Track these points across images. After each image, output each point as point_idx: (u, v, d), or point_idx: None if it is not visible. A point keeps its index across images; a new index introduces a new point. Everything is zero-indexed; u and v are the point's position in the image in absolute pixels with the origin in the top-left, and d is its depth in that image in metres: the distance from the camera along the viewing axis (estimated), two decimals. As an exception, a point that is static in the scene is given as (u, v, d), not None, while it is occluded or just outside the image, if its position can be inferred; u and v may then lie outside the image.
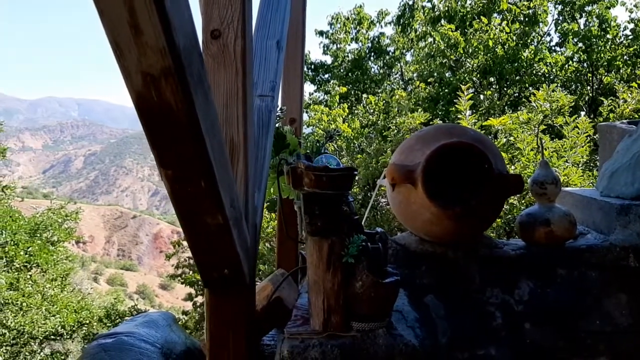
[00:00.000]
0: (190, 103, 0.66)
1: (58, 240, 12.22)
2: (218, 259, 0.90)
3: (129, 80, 0.64)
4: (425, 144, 1.99)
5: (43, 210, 12.98)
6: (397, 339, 1.33)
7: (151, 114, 0.67)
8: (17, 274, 10.72)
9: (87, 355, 1.40)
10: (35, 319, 10.82)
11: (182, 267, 11.78)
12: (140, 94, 0.64)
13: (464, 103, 5.79)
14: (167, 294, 57.25)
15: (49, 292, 11.63)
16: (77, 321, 11.57)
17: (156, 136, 0.70)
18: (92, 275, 51.47)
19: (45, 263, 11.57)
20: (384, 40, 14.30)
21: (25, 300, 10.46)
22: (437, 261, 2.06)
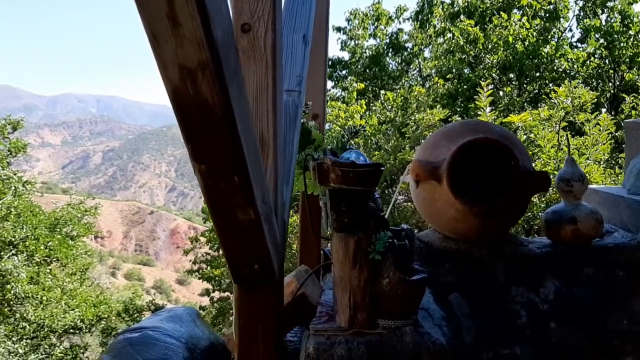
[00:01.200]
0: (226, 97, 0.65)
1: (77, 235, 12.34)
2: (249, 254, 0.89)
3: (165, 74, 0.63)
4: (450, 140, 1.96)
5: (63, 205, 13.12)
6: (425, 337, 1.31)
7: (187, 107, 0.66)
8: (38, 268, 10.85)
9: (114, 350, 1.40)
10: (54, 312, 10.96)
11: (200, 262, 11.85)
12: (176, 87, 0.63)
13: (484, 99, 5.74)
14: (184, 289, 57.71)
15: (68, 286, 11.76)
16: (95, 315, 11.69)
17: (191, 130, 0.69)
18: (110, 270, 52.05)
19: (64, 257, 11.70)
20: (402, 37, 14.22)
21: (45, 294, 10.60)
22: (462, 259, 2.04)
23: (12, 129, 10.63)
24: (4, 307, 10.20)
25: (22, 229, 10.40)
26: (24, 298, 10.12)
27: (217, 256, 11.42)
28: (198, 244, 12.35)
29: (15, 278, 9.19)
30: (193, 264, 12.03)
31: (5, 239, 9.75)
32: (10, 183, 9.86)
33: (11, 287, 9.29)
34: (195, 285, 57.07)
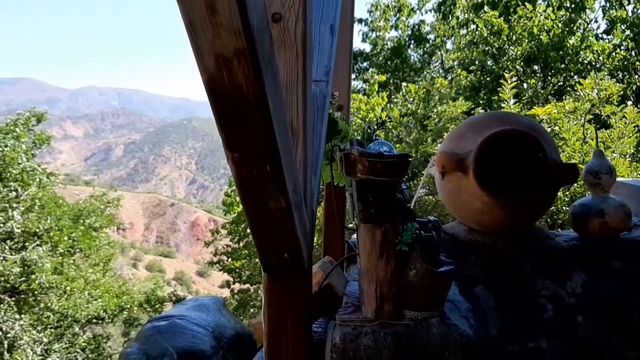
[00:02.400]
0: (260, 85, 0.65)
1: (100, 226, 12.52)
2: (279, 243, 0.89)
3: (201, 62, 0.63)
4: (477, 131, 1.94)
5: (86, 197, 13.32)
6: (452, 329, 1.31)
7: (222, 96, 0.66)
8: (61, 258, 11.03)
9: (142, 338, 1.42)
10: (78, 302, 11.14)
11: (220, 254, 11.94)
12: (211, 75, 0.63)
13: (508, 91, 5.67)
14: (204, 280, 58.24)
15: (91, 276, 11.95)
16: (118, 306, 11.87)
17: (225, 119, 0.69)
18: (132, 262, 52.72)
19: (88, 248, 11.88)
20: (424, 28, 14.10)
21: (69, 285, 10.77)
22: (487, 251, 2.02)
23: (36, 121, 10.78)
24: (28, 296, 10.40)
25: (46, 220, 10.57)
26: (48, 288, 10.29)
27: (238, 248, 11.49)
28: (219, 236, 12.44)
29: (39, 268, 9.36)
30: (214, 256, 12.12)
31: (30, 229, 9.93)
32: (35, 175, 10.02)
33: (36, 277, 9.46)
34: (215, 277, 57.54)
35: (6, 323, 8.45)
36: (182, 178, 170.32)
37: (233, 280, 11.66)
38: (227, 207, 11.96)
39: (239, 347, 1.58)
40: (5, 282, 9.32)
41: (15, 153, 8.75)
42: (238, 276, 11.42)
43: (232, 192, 11.76)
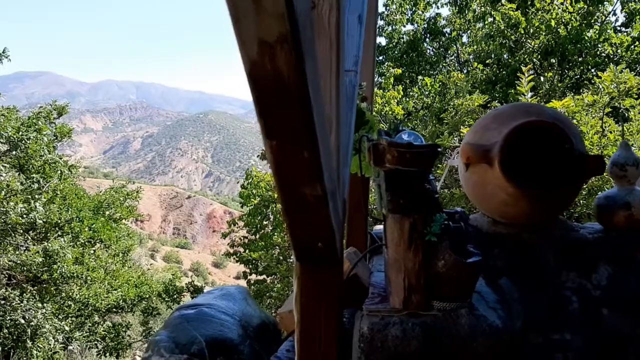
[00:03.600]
0: (302, 72, 0.65)
1: (120, 217, 12.65)
2: (313, 232, 0.89)
3: (243, 48, 0.63)
4: (502, 122, 1.92)
5: (106, 188, 13.45)
6: (480, 320, 1.30)
7: (263, 82, 0.66)
8: (82, 249, 11.16)
9: (170, 326, 1.44)
10: (98, 292, 11.28)
11: (237, 245, 12.01)
12: (253, 62, 0.63)
13: (525, 85, 5.62)
14: (220, 271, 58.65)
15: (111, 267, 12.08)
16: (137, 295, 11.99)
17: (265, 106, 0.69)
18: (149, 252, 53.24)
19: (108, 239, 12.00)
20: (440, 22, 13.99)
21: (89, 274, 10.90)
22: (511, 243, 2.01)
23: (57, 114, 10.90)
24: (50, 286, 10.55)
25: (67, 212, 10.69)
26: (69, 277, 10.42)
27: (254, 240, 11.55)
28: (235, 227, 12.50)
29: (61, 258, 9.48)
30: (231, 247, 12.19)
31: (51, 220, 10.05)
32: (57, 167, 10.14)
33: (57, 267, 9.58)
34: (230, 268, 57.97)
35: (29, 311, 8.59)
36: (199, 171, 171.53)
37: (250, 271, 11.72)
38: (243, 200, 12.00)
39: (264, 335, 1.59)
40: (27, 272, 9.47)
41: (37, 145, 8.86)
42: (254, 267, 11.48)
43: (249, 184, 11.81)
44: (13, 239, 8.93)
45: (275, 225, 10.99)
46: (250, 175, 11.53)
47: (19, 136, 8.01)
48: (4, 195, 8.22)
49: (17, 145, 7.98)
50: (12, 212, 8.15)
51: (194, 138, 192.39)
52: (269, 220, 11.38)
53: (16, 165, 9.40)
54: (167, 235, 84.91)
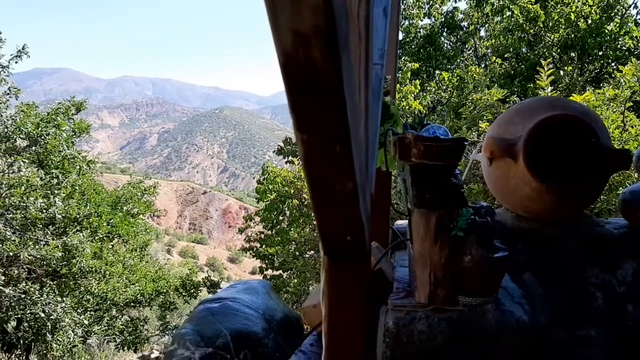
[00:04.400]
0: (337, 65, 0.64)
1: (137, 213, 12.77)
2: (343, 226, 0.89)
3: (278, 40, 0.63)
4: (526, 116, 1.90)
5: (123, 184, 13.58)
6: (507, 315, 1.29)
7: (296, 75, 0.66)
8: (100, 243, 11.29)
9: (195, 319, 1.45)
10: (116, 286, 11.41)
11: (253, 241, 12.05)
12: (288, 54, 0.63)
13: (545, 79, 5.56)
14: (235, 267, 59.02)
15: (129, 261, 12.21)
16: (154, 290, 12.11)
17: (298, 99, 0.69)
18: (166, 247, 53.70)
19: (126, 234, 12.14)
20: (457, 15, 13.88)
21: (107, 269, 11.03)
22: (535, 238, 1.99)
23: (75, 110, 11.02)
24: (69, 280, 10.69)
25: (86, 207, 10.83)
26: (88, 272, 10.55)
27: (271, 235, 11.58)
28: (252, 223, 12.54)
29: (80, 253, 9.60)
30: (247, 242, 12.24)
31: (70, 215, 10.18)
32: (75, 162, 10.26)
33: (76, 261, 9.71)
34: (246, 263, 58.34)
35: (49, 305, 8.71)
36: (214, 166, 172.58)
37: (266, 267, 11.76)
38: (259, 195, 12.04)
39: (288, 329, 1.59)
40: (47, 266, 9.60)
41: (56, 141, 8.97)
42: (270, 263, 11.52)
43: (265, 180, 11.83)
44: (33, 233, 9.06)
45: (291, 220, 11.01)
46: (266, 171, 11.54)
47: (38, 132, 8.11)
48: (24, 191, 8.34)
49: (36, 141, 8.09)
50: (32, 207, 8.26)
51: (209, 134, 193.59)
52: (285, 215, 11.40)
53: (35, 161, 9.52)
54: (183, 230, 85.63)
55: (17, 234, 8.69)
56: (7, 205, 8.36)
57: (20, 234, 8.75)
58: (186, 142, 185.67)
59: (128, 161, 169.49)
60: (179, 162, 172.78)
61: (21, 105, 9.75)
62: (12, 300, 8.87)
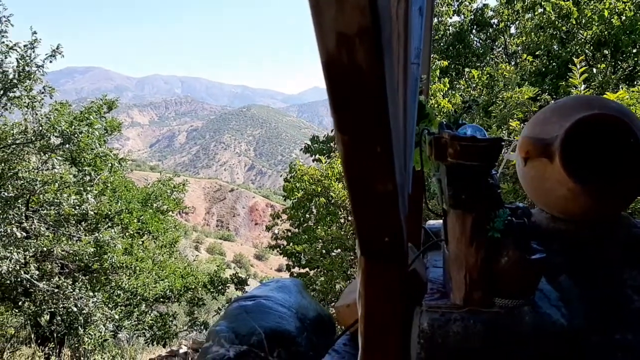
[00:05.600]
0: (380, 66, 0.64)
1: (167, 209, 12.94)
2: (381, 227, 0.89)
3: (322, 41, 0.63)
4: (563, 116, 1.87)
5: (153, 181, 13.77)
6: (545, 318, 1.27)
7: (339, 76, 0.66)
8: (131, 240, 11.48)
9: (230, 316, 1.46)
10: (146, 282, 11.58)
11: (280, 238, 12.10)
12: (331, 55, 0.63)
13: (578, 76, 5.44)
14: (262, 264, 59.44)
15: (158, 257, 12.38)
16: (183, 286, 12.26)
17: (340, 100, 0.69)
18: (194, 244, 54.34)
19: (155, 230, 12.31)
20: (487, 13, 13.70)
21: (138, 265, 11.20)
22: (571, 240, 1.95)
23: (107, 108, 11.21)
24: (101, 275, 10.90)
25: (117, 203, 11.03)
26: (118, 267, 10.75)
27: (298, 233, 11.61)
28: (279, 220, 12.59)
29: (111, 249, 9.78)
30: (275, 240, 12.30)
31: (102, 212, 10.37)
32: (107, 160, 10.45)
33: (108, 257, 9.89)
34: (272, 260, 58.72)
35: (81, 300, 8.90)
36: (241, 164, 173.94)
37: (292, 264, 11.79)
38: (287, 193, 12.07)
39: (320, 328, 1.59)
40: (79, 261, 9.81)
41: (89, 139, 9.15)
42: (297, 260, 11.55)
43: (292, 178, 11.86)
44: (66, 229, 9.26)
45: (318, 218, 11.02)
46: (293, 169, 11.57)
47: (71, 130, 8.28)
48: (58, 187, 8.52)
49: (70, 139, 8.26)
50: (65, 203, 8.45)
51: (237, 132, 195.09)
52: (312, 213, 11.41)
53: (69, 158, 9.73)
54: (210, 227, 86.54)
55: (51, 230, 8.90)
56: (42, 202, 8.56)
57: (53, 230, 8.96)
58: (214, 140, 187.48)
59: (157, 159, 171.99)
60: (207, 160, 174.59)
61: (55, 104, 9.97)
62: (45, 295, 9.08)
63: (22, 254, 8.07)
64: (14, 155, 8.13)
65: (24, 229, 8.18)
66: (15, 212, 8.17)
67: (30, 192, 8.22)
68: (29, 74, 7.76)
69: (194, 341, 11.44)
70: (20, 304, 9.55)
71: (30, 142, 8.03)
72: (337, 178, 10.55)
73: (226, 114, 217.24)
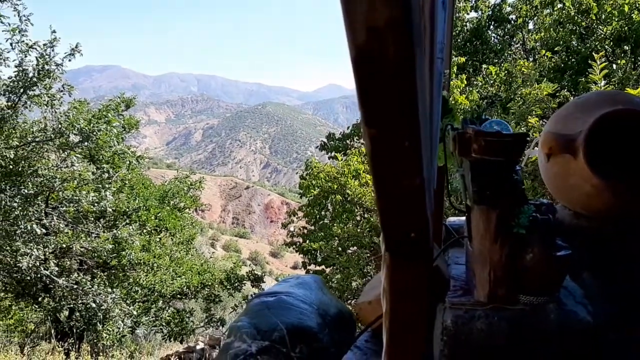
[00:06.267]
0: (411, 59, 0.63)
1: (184, 207, 13.02)
2: (408, 222, 0.88)
3: (351, 35, 0.62)
4: (586, 111, 1.84)
5: (170, 179, 13.87)
6: (571, 315, 1.25)
7: (369, 70, 0.65)
8: (149, 236, 11.58)
9: (251, 312, 1.46)
10: (163, 278, 11.68)
11: (297, 236, 12.11)
12: (361, 48, 0.62)
13: (598, 72, 5.36)
14: (277, 261, 59.61)
15: (175, 254, 12.47)
16: (200, 283, 12.34)
17: (369, 93, 0.68)
18: (210, 241, 54.64)
19: (173, 227, 12.40)
20: (505, 8, 13.55)
21: (155, 261, 11.30)
22: (593, 237, 1.93)
23: (125, 106, 11.30)
24: (119, 272, 11.01)
25: (135, 200, 11.12)
26: (136, 264, 10.85)
27: (314, 230, 11.61)
28: (295, 218, 12.60)
29: (129, 245, 9.88)
30: (291, 237, 12.31)
31: (120, 209, 10.47)
32: (125, 157, 10.54)
33: (126, 253, 9.99)
34: (288, 258, 58.88)
35: (99, 296, 9.00)
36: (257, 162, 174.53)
37: (309, 262, 11.80)
38: (303, 190, 12.08)
39: (341, 325, 1.59)
40: (98, 258, 9.92)
41: (107, 137, 9.23)
42: (313, 258, 11.55)
43: (308, 175, 11.86)
44: (85, 226, 9.36)
45: (334, 216, 11.01)
46: (310, 166, 11.57)
47: (90, 128, 8.36)
48: (77, 185, 8.62)
49: (88, 137, 8.34)
50: (84, 200, 8.53)
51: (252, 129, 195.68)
52: (328, 211, 11.40)
53: (87, 156, 9.83)
54: (226, 224, 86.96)
55: (70, 227, 9.00)
56: (61, 199, 8.66)
57: (72, 227, 9.06)
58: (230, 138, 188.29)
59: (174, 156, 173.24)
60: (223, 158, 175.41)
61: (74, 102, 10.07)
62: (64, 291, 9.20)
63: (42, 250, 8.18)
64: (34, 152, 8.23)
65: (44, 225, 8.29)
66: (35, 209, 8.27)
67: (50, 189, 8.32)
68: (49, 73, 7.84)
69: (211, 337, 11.51)
70: (40, 299, 9.69)
71: (49, 140, 8.12)
72: (354, 175, 10.54)
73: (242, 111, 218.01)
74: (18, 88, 7.70)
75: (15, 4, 7.41)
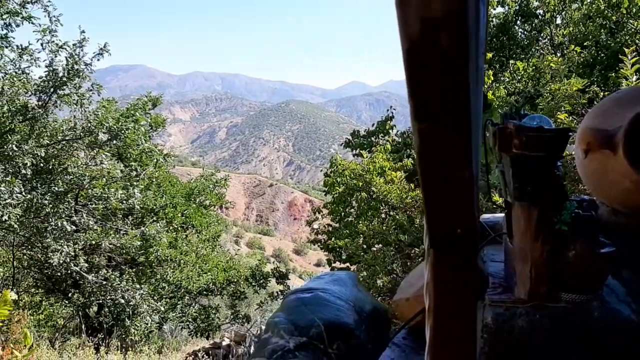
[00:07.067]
0: (465, 52, 0.62)
1: (210, 204, 13.14)
2: (454, 218, 0.87)
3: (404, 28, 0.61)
4: (625, 106, 1.80)
5: (196, 176, 14.01)
6: (614, 314, 1.23)
7: (421, 62, 0.64)
8: (175, 234, 11.72)
9: (287, 308, 1.46)
10: (190, 275, 11.81)
11: (321, 233, 12.12)
12: (414, 41, 0.61)
13: (629, 67, 5.25)
14: (300, 259, 59.77)
15: (201, 251, 12.61)
16: (226, 279, 12.45)
17: (420, 87, 0.67)
18: (234, 239, 55.03)
19: (199, 225, 12.53)
20: (532, 3, 13.34)
21: (182, 258, 11.43)
22: (633, 234, 1.89)
23: (152, 105, 11.45)
24: (146, 268, 11.17)
25: (161, 198, 11.27)
26: (163, 260, 10.99)
27: (339, 228, 11.60)
28: (320, 215, 12.61)
29: (157, 242, 10.01)
30: (316, 235, 12.32)
31: (148, 206, 10.63)
32: (152, 155, 10.68)
33: (153, 250, 10.13)
34: (311, 255, 59.00)
35: (128, 292, 9.13)
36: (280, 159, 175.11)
37: (333, 259, 11.79)
38: (327, 188, 12.06)
39: (377, 321, 1.58)
40: (126, 254, 10.08)
41: (135, 135, 9.36)
42: (338, 255, 11.53)
43: (332, 172, 11.85)
44: (113, 223, 9.51)
45: (359, 213, 10.98)
46: (334, 164, 11.55)
47: (118, 126, 8.48)
48: (105, 182, 8.76)
49: (117, 135, 8.47)
50: (112, 198, 8.67)
51: (275, 127, 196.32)
52: (353, 208, 11.38)
53: (116, 154, 9.99)
54: (250, 222, 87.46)
55: (99, 224, 9.15)
56: (90, 196, 8.81)
57: (101, 224, 9.21)
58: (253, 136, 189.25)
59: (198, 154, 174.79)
60: (247, 155, 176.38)
61: (102, 101, 10.23)
62: (94, 287, 9.36)
63: (72, 246, 8.33)
64: (64, 151, 8.39)
65: (74, 222, 8.44)
66: (65, 206, 8.43)
67: (79, 186, 8.47)
68: (78, 72, 7.97)
69: (236, 334, 11.60)
70: (69, 295, 9.88)
71: (79, 139, 8.27)
72: (379, 173, 10.49)
73: (265, 109, 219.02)
74: (48, 87, 7.85)
75: (45, 5, 7.54)
